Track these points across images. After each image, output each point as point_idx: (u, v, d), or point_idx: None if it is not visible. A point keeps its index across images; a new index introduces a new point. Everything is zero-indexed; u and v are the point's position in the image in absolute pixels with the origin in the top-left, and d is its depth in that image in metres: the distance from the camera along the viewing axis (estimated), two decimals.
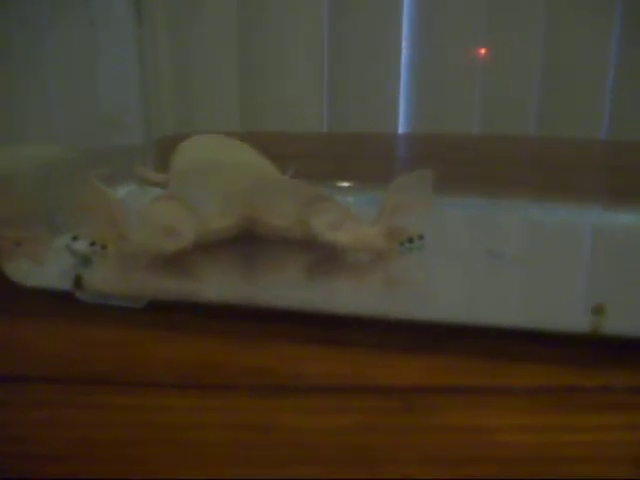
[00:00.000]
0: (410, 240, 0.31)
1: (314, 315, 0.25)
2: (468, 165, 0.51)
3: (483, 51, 0.67)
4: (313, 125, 0.74)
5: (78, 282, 0.27)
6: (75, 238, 0.29)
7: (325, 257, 0.31)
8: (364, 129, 0.71)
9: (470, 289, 0.29)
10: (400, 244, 0.30)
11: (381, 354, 0.24)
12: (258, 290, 0.28)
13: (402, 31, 0.69)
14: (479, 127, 0.71)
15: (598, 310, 0.23)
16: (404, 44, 0.70)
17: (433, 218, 0.31)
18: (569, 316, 0.25)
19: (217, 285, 0.30)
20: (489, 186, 0.40)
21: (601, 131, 0.70)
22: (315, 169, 0.44)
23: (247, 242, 0.31)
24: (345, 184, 0.42)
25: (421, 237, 0.31)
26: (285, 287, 0.29)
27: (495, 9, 0.67)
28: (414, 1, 0.68)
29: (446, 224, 0.36)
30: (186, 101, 0.71)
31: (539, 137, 0.69)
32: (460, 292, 0.29)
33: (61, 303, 0.27)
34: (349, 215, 0.30)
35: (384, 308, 0.26)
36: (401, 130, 0.74)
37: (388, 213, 0.30)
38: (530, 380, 0.22)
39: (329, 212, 0.30)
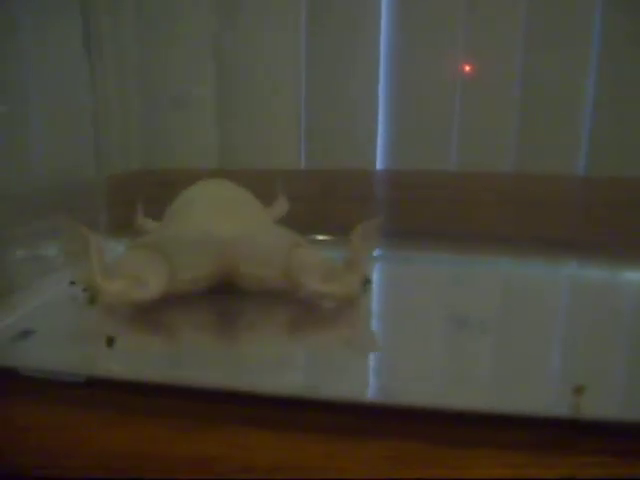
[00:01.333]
0: (367, 282, 0.32)
1: (265, 396, 0.23)
2: (443, 204, 0.50)
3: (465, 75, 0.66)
4: (289, 162, 0.73)
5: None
6: (72, 283, 0.31)
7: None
8: (341, 165, 0.70)
9: (432, 368, 0.26)
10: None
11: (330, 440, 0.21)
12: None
13: (379, 68, 0.69)
14: (456, 163, 0.70)
15: (578, 391, 0.22)
16: (381, 79, 0.69)
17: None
18: (544, 398, 0.23)
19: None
20: (461, 238, 0.38)
21: (579, 167, 0.69)
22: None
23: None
24: (323, 237, 0.41)
25: (370, 281, 0.32)
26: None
27: (473, 44, 0.67)
28: (390, 39, 0.67)
29: (412, 281, 0.35)
30: (155, 139, 0.69)
31: (516, 173, 0.68)
32: (420, 372, 0.26)
33: None
34: (328, 264, 0.31)
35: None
36: (379, 166, 0.73)
37: (357, 260, 0.31)
38: (484, 470, 0.20)
39: (312, 263, 0.31)
